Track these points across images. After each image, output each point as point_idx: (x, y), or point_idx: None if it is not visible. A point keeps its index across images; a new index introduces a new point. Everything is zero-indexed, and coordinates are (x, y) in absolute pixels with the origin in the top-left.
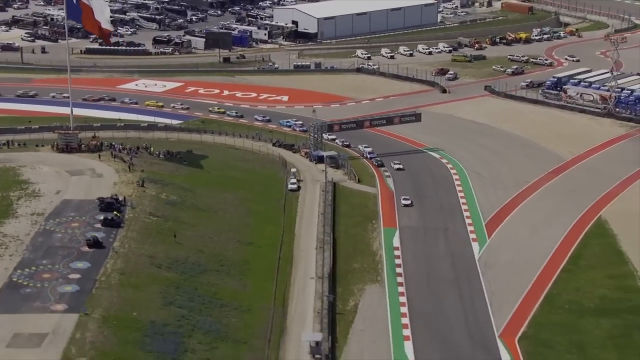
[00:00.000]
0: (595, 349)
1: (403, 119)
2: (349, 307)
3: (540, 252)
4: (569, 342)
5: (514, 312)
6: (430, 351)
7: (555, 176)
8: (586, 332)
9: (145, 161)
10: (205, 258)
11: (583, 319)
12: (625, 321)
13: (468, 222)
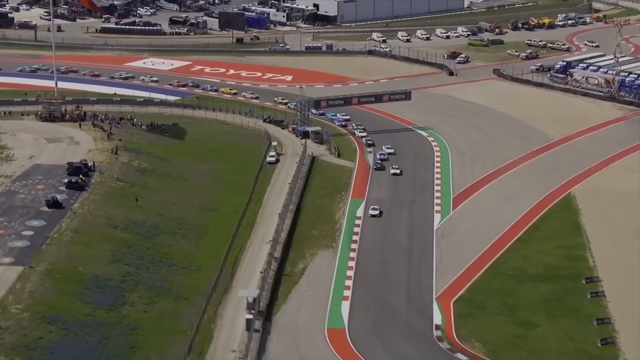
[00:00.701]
0: (526, 310)
1: (392, 96)
2: (297, 270)
3: (500, 223)
4: (503, 304)
5: (456, 278)
6: (365, 310)
7: (537, 155)
8: (522, 296)
9: (126, 131)
10: (164, 221)
11: (522, 285)
12: (564, 287)
13: (436, 196)
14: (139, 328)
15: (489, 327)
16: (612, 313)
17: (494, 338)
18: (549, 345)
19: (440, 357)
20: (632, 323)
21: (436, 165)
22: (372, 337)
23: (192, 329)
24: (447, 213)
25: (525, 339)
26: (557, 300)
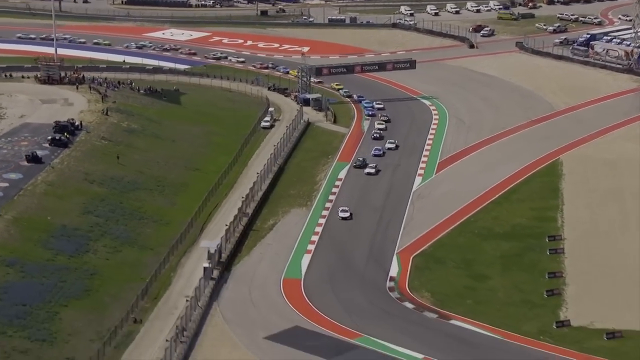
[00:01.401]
0: (482, 265)
1: (396, 65)
2: (266, 225)
3: (479, 187)
4: (462, 259)
5: (422, 235)
6: (325, 263)
7: (535, 124)
8: (482, 252)
9: (122, 95)
10: (143, 178)
11: (486, 242)
12: (526, 244)
13: (423, 160)
14: (98, 274)
15: (443, 280)
16: (566, 268)
17: (445, 289)
18: (496, 295)
19: (388, 304)
20: (583, 277)
21: (431, 132)
22: (325, 287)
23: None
24: (429, 176)
25: (474, 290)
26: (515, 256)
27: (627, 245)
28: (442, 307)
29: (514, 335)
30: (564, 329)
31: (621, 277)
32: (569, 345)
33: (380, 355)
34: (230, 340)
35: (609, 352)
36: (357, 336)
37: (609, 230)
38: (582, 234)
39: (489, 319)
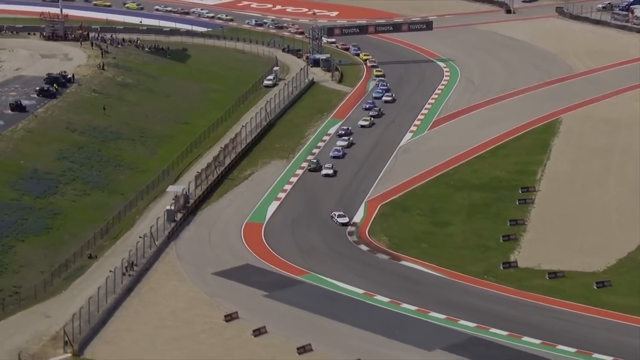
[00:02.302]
0: (447, 213)
1: (412, 26)
2: (242, 175)
3: (469, 142)
4: (429, 208)
5: (397, 186)
6: (291, 209)
7: (547, 85)
8: (451, 202)
9: (126, 52)
10: (128, 129)
11: (458, 192)
12: (497, 194)
13: (419, 118)
14: (62, 214)
15: (404, 226)
16: (530, 217)
17: (404, 234)
18: (453, 240)
19: (343, 247)
20: (544, 225)
21: (436, 93)
22: (285, 231)
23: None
24: (420, 132)
25: (432, 235)
26: (484, 205)
27: (599, 197)
28: (396, 249)
29: (459, 275)
30: (510, 269)
31: (582, 225)
32: (509, 283)
33: (321, 290)
34: (179, 275)
35: (547, 289)
36: (304, 274)
37: (585, 184)
38: (558, 186)
39: (439, 261)
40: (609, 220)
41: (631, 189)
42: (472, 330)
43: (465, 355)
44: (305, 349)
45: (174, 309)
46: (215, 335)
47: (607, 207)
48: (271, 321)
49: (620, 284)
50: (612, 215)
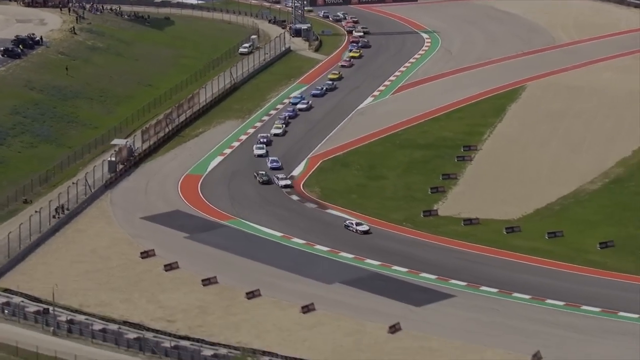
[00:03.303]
0: (384, 168)
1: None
2: (194, 133)
3: (428, 106)
4: (368, 164)
5: (343, 144)
6: (233, 164)
7: (525, 55)
8: (392, 158)
9: (104, 19)
10: (89, 89)
11: (401, 151)
12: (438, 152)
13: (385, 84)
14: (4, 163)
15: (339, 179)
16: (464, 172)
17: (337, 186)
18: (383, 192)
19: (274, 197)
20: (475, 179)
21: (410, 61)
22: (222, 182)
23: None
24: (382, 97)
25: (364, 187)
26: (422, 162)
27: (536, 156)
28: (325, 200)
29: (379, 221)
30: (430, 217)
31: (511, 180)
32: (425, 229)
33: (241, 233)
34: (108, 218)
35: (460, 234)
36: (229, 219)
37: (527, 144)
38: (500, 146)
39: (365, 210)
40: (538, 176)
41: (571, 149)
42: (376, 267)
43: (361, 287)
44: (210, 281)
45: (94, 247)
46: (127, 269)
47: (541, 165)
48: (185, 258)
49: (529, 230)
50: (544, 172)
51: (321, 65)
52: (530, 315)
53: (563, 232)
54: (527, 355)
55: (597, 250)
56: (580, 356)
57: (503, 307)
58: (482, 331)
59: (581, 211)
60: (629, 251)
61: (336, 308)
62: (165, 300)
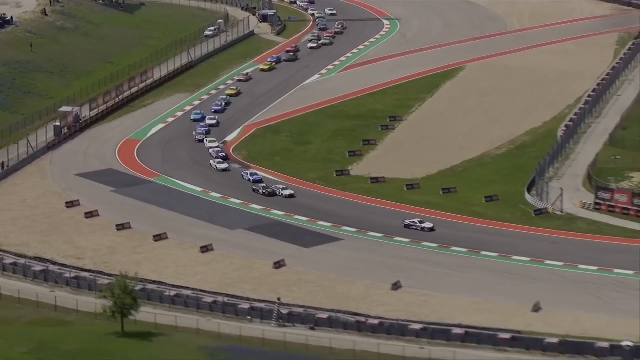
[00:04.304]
0: (312, 135)
1: None
2: (144, 104)
3: (370, 82)
4: (298, 131)
5: (280, 114)
6: (173, 130)
7: (475, 40)
8: (321, 127)
9: (78, 3)
10: (50, 64)
11: (332, 120)
12: (365, 122)
13: (334, 64)
14: None
15: (267, 144)
16: (384, 139)
17: (264, 150)
18: (305, 155)
19: (203, 159)
20: (392, 145)
21: (364, 44)
22: (158, 146)
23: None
24: (328, 75)
25: (289, 151)
26: (349, 130)
27: (455, 127)
28: (250, 161)
29: (294, 179)
30: (342, 176)
31: (426, 146)
32: (335, 186)
33: (165, 188)
34: (44, 175)
35: (365, 191)
36: (156, 176)
37: (450, 117)
38: (424, 118)
39: (284, 170)
40: (452, 143)
41: (488, 121)
42: (279, 217)
43: (261, 233)
44: (124, 226)
45: (25, 198)
46: (52, 217)
47: (457, 134)
48: (107, 208)
49: (427, 187)
50: (458, 140)
51: (278, 47)
52: (404, 255)
53: (457, 188)
54: (389, 284)
55: (482, 204)
56: (437, 286)
57: (383, 248)
58: (357, 267)
59: (480, 172)
60: (510, 205)
61: (233, 249)
62: (79, 242)
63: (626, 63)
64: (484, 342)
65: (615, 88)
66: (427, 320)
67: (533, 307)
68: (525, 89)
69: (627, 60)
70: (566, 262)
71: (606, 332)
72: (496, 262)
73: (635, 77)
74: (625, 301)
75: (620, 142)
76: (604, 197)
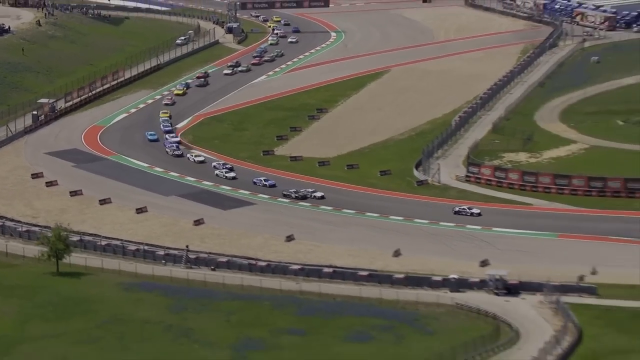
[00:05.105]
0: (249, 123)
1: (312, 3)
2: (112, 98)
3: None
4: (238, 120)
5: (227, 107)
6: (135, 119)
7: (404, 49)
8: (259, 117)
9: (69, 15)
10: (38, 66)
11: (269, 112)
12: (297, 113)
13: (281, 67)
14: None
15: (211, 130)
16: (309, 127)
17: (206, 135)
18: (240, 139)
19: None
20: (314, 132)
21: (310, 52)
22: (119, 131)
23: None
24: (274, 76)
25: (228, 136)
26: (281, 119)
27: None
28: (193, 143)
29: (227, 158)
30: (267, 156)
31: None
32: (260, 163)
33: (117, 164)
34: (18, 153)
35: (285, 167)
36: (113, 155)
37: (368, 110)
38: (346, 110)
39: (219, 149)
40: (364, 130)
41: (398, 113)
42: (207, 187)
43: (190, 198)
44: (76, 193)
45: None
46: (18, 185)
47: (371, 123)
48: (66, 179)
49: (336, 164)
50: (370, 127)
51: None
52: (303, 216)
53: (359, 165)
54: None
55: (377, 177)
56: (323, 239)
57: (289, 211)
58: (262, 225)
59: (382, 152)
60: (400, 177)
61: (164, 211)
62: (36, 205)
63: (522, 68)
64: (347, 278)
65: (509, 88)
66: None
67: (393, 253)
68: (435, 88)
69: (524, 66)
70: (431, 220)
71: (445, 270)
72: (376, 221)
73: (527, 79)
74: (469, 249)
75: (501, 130)
76: (473, 171)
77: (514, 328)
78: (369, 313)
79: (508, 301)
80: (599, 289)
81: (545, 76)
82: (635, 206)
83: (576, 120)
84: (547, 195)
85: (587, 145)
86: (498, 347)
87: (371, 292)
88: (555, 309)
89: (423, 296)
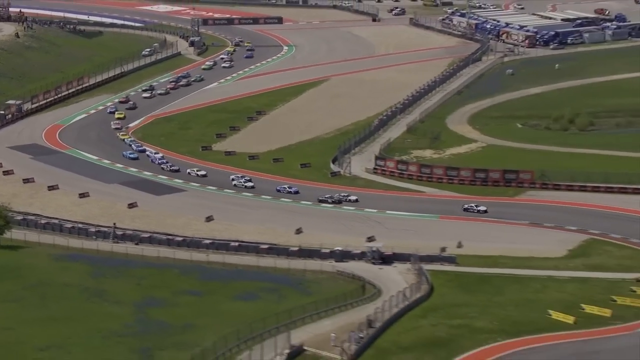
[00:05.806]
0: (194, 123)
1: (267, 20)
2: (77, 101)
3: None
4: (185, 120)
5: (178, 109)
6: (92, 119)
7: (345, 61)
8: (204, 118)
9: (47, 29)
10: (12, 72)
11: (213, 114)
12: (239, 115)
13: (232, 76)
14: None
15: (159, 128)
16: (247, 127)
17: (154, 132)
18: (184, 136)
19: (108, 138)
20: (252, 131)
21: (261, 63)
22: (77, 129)
23: None
24: (225, 83)
25: (173, 133)
26: (224, 120)
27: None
28: (143, 140)
29: (169, 152)
30: (206, 151)
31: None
32: (198, 157)
33: (71, 157)
34: None
35: (220, 160)
36: (67, 149)
37: (302, 113)
38: (282, 113)
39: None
40: (295, 130)
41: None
42: (147, 176)
43: (129, 186)
44: (29, 180)
45: None
46: None
47: (302, 124)
48: (22, 169)
49: (264, 158)
50: (301, 127)
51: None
52: (226, 201)
53: (284, 159)
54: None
55: (298, 169)
56: (239, 220)
57: (214, 197)
58: (188, 208)
59: (308, 149)
60: (317, 169)
61: (105, 196)
62: None
63: (445, 78)
64: (250, 251)
65: (430, 95)
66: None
67: (296, 231)
68: (367, 95)
69: (446, 76)
70: (335, 205)
71: (336, 244)
72: (288, 205)
73: (447, 88)
74: (362, 228)
75: (414, 131)
76: (379, 164)
77: (377, 288)
78: (261, 278)
79: (382, 269)
80: (458, 259)
81: (463, 85)
82: (510, 193)
83: (481, 123)
84: (439, 185)
85: (485, 144)
86: (357, 302)
87: (267, 262)
88: (418, 274)
89: (310, 265)
